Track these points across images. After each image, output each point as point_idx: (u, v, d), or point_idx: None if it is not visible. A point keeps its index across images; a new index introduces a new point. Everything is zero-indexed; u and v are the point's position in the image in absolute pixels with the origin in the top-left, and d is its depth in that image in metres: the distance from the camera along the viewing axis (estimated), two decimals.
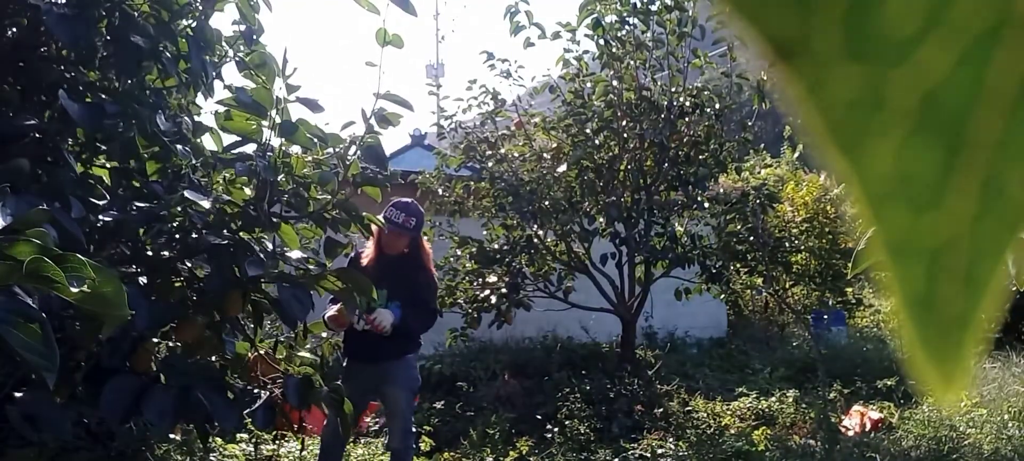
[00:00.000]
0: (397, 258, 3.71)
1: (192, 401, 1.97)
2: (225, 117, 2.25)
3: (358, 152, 2.37)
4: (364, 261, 3.72)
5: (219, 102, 2.25)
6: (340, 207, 2.38)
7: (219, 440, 4.40)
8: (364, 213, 2.49)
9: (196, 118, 2.66)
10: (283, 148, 2.34)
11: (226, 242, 2.16)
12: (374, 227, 3.25)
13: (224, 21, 7.86)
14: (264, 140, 2.28)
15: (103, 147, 2.31)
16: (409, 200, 3.79)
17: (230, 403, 2.06)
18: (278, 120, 2.24)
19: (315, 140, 2.32)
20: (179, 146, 2.26)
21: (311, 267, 2.34)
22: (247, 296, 2.23)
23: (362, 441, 5.16)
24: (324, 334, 3.07)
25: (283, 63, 2.25)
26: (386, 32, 2.26)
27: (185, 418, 2.05)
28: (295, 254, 2.36)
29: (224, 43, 2.64)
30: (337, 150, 2.43)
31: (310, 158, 2.48)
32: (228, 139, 2.42)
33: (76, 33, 2.02)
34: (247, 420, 2.50)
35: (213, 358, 2.28)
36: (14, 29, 2.34)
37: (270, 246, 2.32)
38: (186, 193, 2.06)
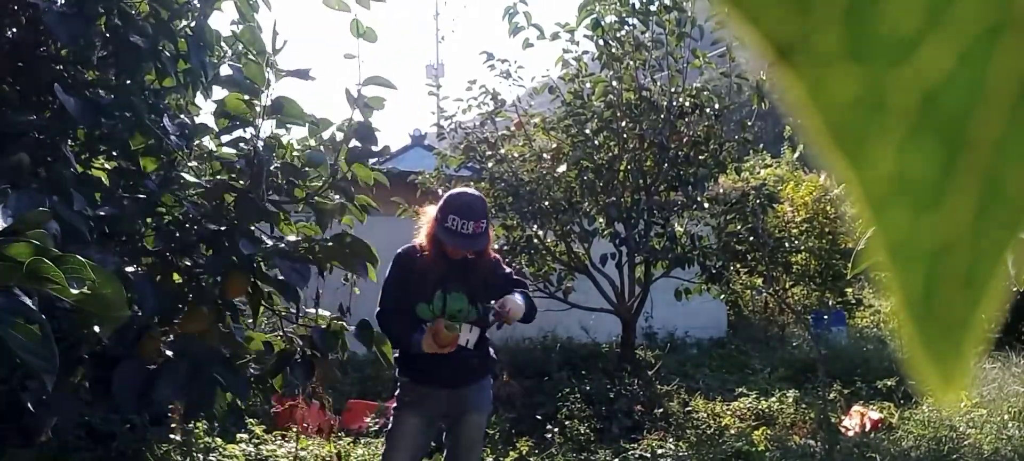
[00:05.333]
0: (463, 258, 3.05)
1: (207, 378, 1.98)
2: (220, 110, 2.27)
3: (347, 134, 2.40)
4: (420, 260, 3.00)
5: (215, 82, 2.28)
6: (335, 188, 2.39)
7: (219, 440, 4.39)
8: (359, 196, 2.48)
9: (195, 119, 2.66)
10: (275, 134, 2.38)
11: (223, 228, 2.17)
12: (427, 221, 3.05)
13: (223, 21, 7.86)
14: (256, 122, 2.31)
15: (102, 147, 2.31)
16: (468, 191, 3.10)
17: (245, 380, 2.08)
18: (268, 103, 2.27)
19: (306, 124, 2.36)
20: (174, 138, 2.27)
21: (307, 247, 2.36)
22: (247, 278, 2.24)
23: (362, 441, 5.15)
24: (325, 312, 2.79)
25: (273, 36, 2.29)
26: (359, 23, 2.40)
27: (199, 394, 2.05)
28: (290, 238, 2.39)
29: (223, 43, 2.64)
30: (328, 136, 2.45)
31: (301, 146, 2.50)
32: (225, 137, 2.44)
33: (75, 32, 2.02)
34: (280, 386, 2.44)
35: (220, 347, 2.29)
36: (14, 29, 2.34)
37: (266, 231, 2.34)
38: (184, 174, 2.08)
